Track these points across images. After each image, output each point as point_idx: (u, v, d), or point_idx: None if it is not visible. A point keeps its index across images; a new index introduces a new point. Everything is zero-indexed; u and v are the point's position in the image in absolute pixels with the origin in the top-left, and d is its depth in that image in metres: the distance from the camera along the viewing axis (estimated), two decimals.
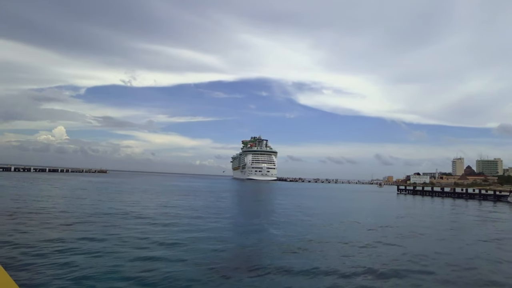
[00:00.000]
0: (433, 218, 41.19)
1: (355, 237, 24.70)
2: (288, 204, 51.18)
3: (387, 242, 22.91)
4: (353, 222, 33.15)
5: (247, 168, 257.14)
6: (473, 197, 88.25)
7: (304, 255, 18.18)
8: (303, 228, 27.74)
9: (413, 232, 28.55)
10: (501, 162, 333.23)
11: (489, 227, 33.66)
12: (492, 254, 20.59)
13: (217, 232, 24.07)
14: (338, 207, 52.58)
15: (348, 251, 19.72)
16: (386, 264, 16.86)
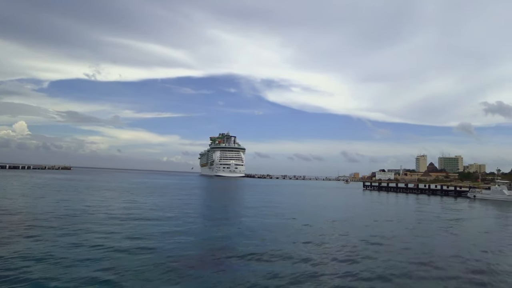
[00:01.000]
0: (398, 212, 42.47)
1: (323, 230, 24.94)
2: (256, 201, 51.16)
3: (357, 236, 23.20)
4: (321, 217, 33.44)
5: (215, 164, 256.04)
6: (435, 193, 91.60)
7: (270, 249, 18.05)
8: (272, 223, 27.64)
9: (377, 223, 29.27)
10: (462, 159, 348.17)
11: (450, 220, 34.74)
12: (452, 243, 21.27)
13: (184, 229, 23.46)
14: (306, 203, 53.15)
15: (316, 243, 19.88)
16: (357, 255, 17.03)
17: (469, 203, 61.83)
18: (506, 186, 72.36)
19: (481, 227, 31.85)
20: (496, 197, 69.14)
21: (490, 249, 20.43)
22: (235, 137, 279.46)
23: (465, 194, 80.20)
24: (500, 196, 68.72)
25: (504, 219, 40.02)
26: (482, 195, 74.06)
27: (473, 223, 34.58)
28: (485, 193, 74.65)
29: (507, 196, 67.39)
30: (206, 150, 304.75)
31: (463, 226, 32.07)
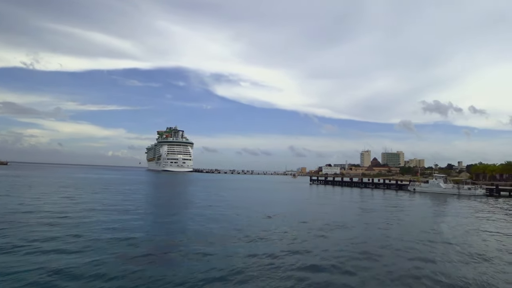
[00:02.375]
0: (343, 205, 44.52)
1: (269, 224, 25.48)
2: (204, 196, 50.81)
3: (310, 228, 23.83)
4: (268, 211, 33.97)
5: (162, 159, 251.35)
6: (378, 186, 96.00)
7: (219, 244, 18.02)
8: (220, 218, 27.61)
9: (323, 215, 30.30)
10: (403, 154, 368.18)
11: (391, 211, 36.60)
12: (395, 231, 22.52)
13: (130, 226, 22.66)
14: (255, 197, 54.04)
15: (263, 235, 20.24)
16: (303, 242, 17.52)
17: (409, 195, 65.44)
18: (442, 180, 77.36)
19: (418, 216, 34.30)
20: (433, 190, 73.63)
21: (422, 235, 22.68)
22: (183, 131, 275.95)
23: (405, 188, 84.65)
24: (437, 189, 73.29)
25: (438, 209, 42.82)
26: (421, 188, 78.58)
27: (411, 213, 36.84)
28: (423, 186, 79.28)
29: (444, 189, 72.08)
30: (153, 145, 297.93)
31: (401, 216, 33.93)
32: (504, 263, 16.07)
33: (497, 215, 36.62)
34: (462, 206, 45.71)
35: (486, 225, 28.96)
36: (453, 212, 39.37)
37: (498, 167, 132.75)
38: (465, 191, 69.28)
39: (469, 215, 36.24)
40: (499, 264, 15.85)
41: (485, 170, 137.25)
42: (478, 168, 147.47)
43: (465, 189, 70.62)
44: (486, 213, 38.52)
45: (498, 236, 23.42)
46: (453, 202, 51.79)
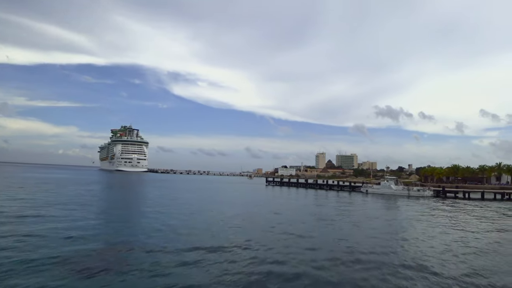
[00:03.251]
0: (298, 205, 45.49)
1: (226, 224, 25.48)
2: (158, 197, 49.81)
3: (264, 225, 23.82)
4: (224, 211, 34.12)
5: (116, 158, 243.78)
6: (333, 188, 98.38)
7: (174, 246, 17.75)
8: (176, 220, 27.08)
9: (278, 215, 30.74)
10: (356, 157, 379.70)
11: (343, 211, 37.50)
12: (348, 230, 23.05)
13: (79, 228, 21.74)
14: (211, 198, 53.56)
15: (222, 235, 20.16)
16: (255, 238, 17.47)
17: (362, 197, 67.43)
18: (393, 182, 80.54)
19: (368, 216, 35.64)
20: (385, 191, 76.35)
21: (372, 232, 24.22)
22: (138, 130, 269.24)
23: (358, 189, 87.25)
24: (388, 190, 76.06)
25: (387, 209, 44.50)
26: (373, 189, 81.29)
27: (363, 213, 38.07)
28: (375, 188, 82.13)
29: (394, 191, 74.92)
30: (107, 143, 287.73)
31: (353, 216, 34.94)
32: (447, 254, 17.73)
33: (442, 213, 38.88)
34: (411, 207, 48.05)
35: (433, 222, 30.92)
36: (403, 212, 41.22)
37: (445, 170, 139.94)
38: (414, 193, 72.39)
39: (417, 214, 38.19)
40: (446, 254, 17.37)
41: (433, 173, 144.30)
42: (427, 170, 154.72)
43: (414, 190, 73.86)
44: (432, 212, 40.79)
45: (443, 231, 25.91)
46: (403, 203, 53.99)
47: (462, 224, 31.11)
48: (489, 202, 62.77)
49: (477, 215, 39.96)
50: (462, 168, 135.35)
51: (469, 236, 24.66)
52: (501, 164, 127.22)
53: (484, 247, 20.79)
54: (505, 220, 36.10)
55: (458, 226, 30.05)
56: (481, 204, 56.06)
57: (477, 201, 63.08)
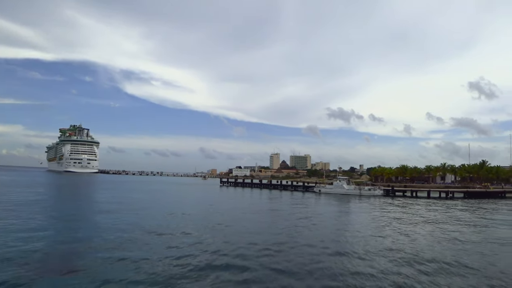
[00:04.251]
0: (252, 205, 45.66)
1: (178, 224, 25.16)
2: (109, 199, 48.11)
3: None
4: (176, 213, 33.68)
5: (65, 159, 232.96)
6: (286, 188, 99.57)
7: (124, 248, 17.21)
8: (127, 223, 26.14)
9: (231, 216, 30.65)
10: (310, 157, 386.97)
11: (297, 210, 37.98)
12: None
13: (24, 232, 20.61)
14: (166, 199, 52.40)
15: (175, 239, 19.72)
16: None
17: (315, 196, 68.72)
18: (345, 182, 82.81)
19: (321, 214, 36.73)
20: (337, 191, 78.23)
21: (323, 229, 24.70)
22: (88, 129, 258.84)
23: (312, 189, 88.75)
24: (340, 190, 78.02)
25: (339, 208, 45.71)
26: (326, 189, 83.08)
27: (315, 212, 38.79)
28: (328, 187, 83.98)
29: (347, 190, 76.99)
30: (55, 143, 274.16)
31: (305, 214, 35.41)
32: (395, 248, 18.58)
33: (391, 211, 40.67)
34: (362, 205, 49.84)
35: (382, 219, 32.29)
36: (355, 210, 42.61)
37: (394, 170, 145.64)
38: (365, 192, 74.77)
39: (368, 212, 39.78)
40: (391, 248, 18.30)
41: (383, 173, 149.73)
42: (377, 171, 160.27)
43: (365, 190, 76.35)
44: (381, 210, 42.51)
45: (390, 227, 27.28)
46: (355, 202, 55.73)
47: (404, 219, 32.83)
48: (435, 200, 66.23)
49: (421, 211, 42.20)
50: (410, 168, 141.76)
51: (407, 229, 26.37)
52: (445, 165, 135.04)
53: (420, 238, 22.30)
54: (444, 214, 38.32)
55: (401, 220, 31.74)
56: (426, 202, 59.13)
57: (424, 199, 66.40)
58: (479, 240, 23.36)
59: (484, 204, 55.89)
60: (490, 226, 31.37)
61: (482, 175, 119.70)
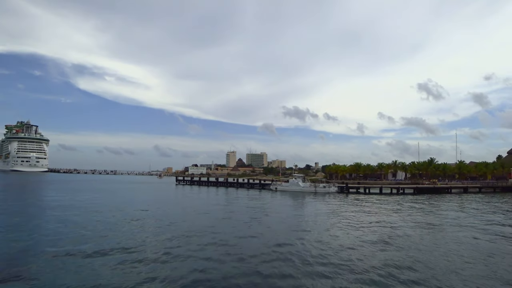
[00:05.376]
0: (208, 204, 45.77)
1: (130, 225, 25.14)
2: (61, 200, 46.48)
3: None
4: (130, 212, 33.79)
5: (11, 157, 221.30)
6: (243, 186, 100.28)
7: (77, 250, 16.83)
8: (79, 225, 25.48)
9: (187, 214, 30.86)
10: (266, 155, 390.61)
11: (252, 208, 38.49)
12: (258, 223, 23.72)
13: None
14: (119, 199, 51.19)
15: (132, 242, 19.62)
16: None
17: (271, 194, 69.61)
18: (301, 179, 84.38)
19: (277, 211, 37.44)
20: (293, 189, 79.55)
21: (279, 226, 25.61)
22: (37, 126, 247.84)
23: (268, 187, 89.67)
24: (296, 187, 79.41)
25: (294, 205, 46.62)
26: (282, 187, 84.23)
27: (270, 210, 39.51)
28: (284, 185, 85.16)
29: (302, 187, 78.45)
30: (0, 141, 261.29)
31: (261, 212, 36.04)
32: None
33: (344, 207, 42.28)
34: (317, 202, 51.11)
35: (335, 215, 33.64)
36: (308, 206, 43.56)
37: (348, 168, 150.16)
38: (320, 189, 76.49)
39: (323, 208, 40.92)
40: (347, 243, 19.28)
41: (337, 170, 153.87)
42: (332, 168, 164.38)
43: (320, 187, 78.08)
44: (336, 206, 43.99)
45: (344, 221, 28.27)
46: (310, 199, 57.00)
47: (354, 215, 34.38)
48: (386, 196, 68.93)
49: (371, 206, 44.12)
50: (363, 165, 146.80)
51: (355, 223, 27.81)
52: (396, 162, 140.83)
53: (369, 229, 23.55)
54: (394, 210, 40.30)
55: (351, 216, 33.17)
56: (378, 198, 61.66)
57: (376, 195, 69.09)
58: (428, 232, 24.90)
59: (432, 200, 58.90)
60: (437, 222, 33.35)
61: (431, 172, 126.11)
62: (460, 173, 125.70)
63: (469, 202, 54.21)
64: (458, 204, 51.45)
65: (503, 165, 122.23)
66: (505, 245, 21.15)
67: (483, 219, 33.63)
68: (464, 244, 21.11)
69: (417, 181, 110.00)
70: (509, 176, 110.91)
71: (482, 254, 18.56)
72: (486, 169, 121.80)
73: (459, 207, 46.62)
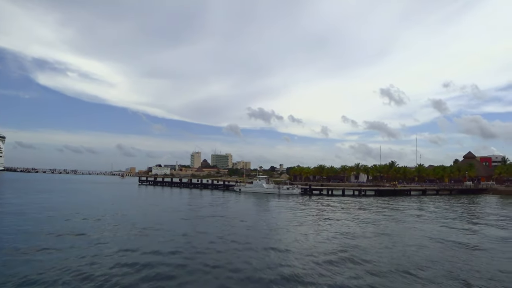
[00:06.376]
0: (172, 205, 45.67)
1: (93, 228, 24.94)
2: (18, 201, 45.13)
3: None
4: (90, 214, 33.31)
5: None
6: (207, 187, 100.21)
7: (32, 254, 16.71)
8: (34, 227, 24.98)
9: (149, 216, 31.13)
10: (231, 156, 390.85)
11: (216, 208, 38.87)
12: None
13: None
14: (78, 200, 49.90)
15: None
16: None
17: (235, 195, 70.02)
18: (265, 181, 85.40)
19: (237, 213, 37.93)
20: (257, 190, 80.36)
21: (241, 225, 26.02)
22: None
23: (232, 188, 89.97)
24: (260, 189, 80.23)
25: (257, 207, 47.49)
26: (246, 188, 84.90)
27: (232, 211, 40.08)
28: (248, 186, 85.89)
29: (266, 189, 79.36)
30: None
31: (223, 213, 36.52)
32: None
33: (307, 209, 43.37)
34: (280, 203, 52.05)
35: (297, 217, 34.54)
36: (271, 208, 44.46)
37: (312, 170, 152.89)
38: (284, 191, 77.58)
39: (285, 210, 41.91)
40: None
41: (302, 172, 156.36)
42: (296, 170, 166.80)
43: (284, 189, 79.20)
44: (297, 208, 45.10)
45: (305, 221, 29.09)
46: (273, 200, 57.87)
47: (315, 215, 35.34)
48: (349, 197, 70.91)
49: (333, 208, 45.45)
50: (327, 168, 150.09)
51: (314, 223, 28.64)
52: (359, 165, 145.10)
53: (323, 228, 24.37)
54: (355, 210, 41.65)
55: (312, 216, 34.16)
56: (339, 199, 63.40)
57: (338, 197, 70.73)
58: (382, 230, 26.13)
59: (392, 201, 61.07)
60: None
61: (391, 174, 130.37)
62: (419, 176, 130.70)
63: (427, 204, 56.32)
64: (417, 204, 53.62)
65: (459, 168, 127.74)
66: (454, 247, 22.49)
67: (440, 221, 35.16)
68: (416, 245, 22.29)
69: (378, 184, 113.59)
70: (464, 179, 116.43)
71: (433, 255, 19.70)
72: (443, 173, 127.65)
73: (418, 208, 48.54)
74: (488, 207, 53.42)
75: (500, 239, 24.77)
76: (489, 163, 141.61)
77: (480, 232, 27.56)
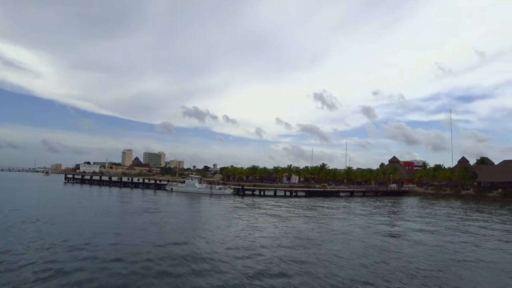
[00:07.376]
0: (99, 205, 45.22)
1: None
2: None
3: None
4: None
5: None
6: (138, 186, 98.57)
7: None
8: None
9: (74, 216, 31.01)
10: (164, 155, 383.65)
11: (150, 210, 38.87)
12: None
13: None
14: None
15: None
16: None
17: (167, 195, 69.78)
18: (197, 180, 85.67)
19: (168, 213, 38.52)
20: (189, 190, 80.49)
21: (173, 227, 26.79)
22: None
23: (164, 187, 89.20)
24: (192, 188, 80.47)
25: (188, 208, 47.80)
26: (178, 188, 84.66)
27: (162, 211, 40.18)
28: (180, 186, 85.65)
29: (198, 189, 79.75)
30: None
31: (150, 213, 36.55)
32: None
33: (237, 209, 44.79)
34: (211, 203, 53.11)
35: (225, 216, 35.84)
36: (204, 208, 45.04)
37: (245, 170, 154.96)
38: (216, 191, 78.42)
39: (216, 210, 43.22)
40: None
41: (235, 172, 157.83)
42: (229, 170, 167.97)
43: (216, 189, 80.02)
44: (228, 208, 46.30)
45: (234, 221, 30.40)
46: (205, 200, 58.63)
47: (243, 214, 36.91)
48: (280, 198, 73.30)
49: (263, 209, 47.23)
50: (260, 168, 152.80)
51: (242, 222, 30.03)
52: (291, 166, 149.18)
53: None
54: (286, 209, 43.65)
55: (241, 216, 35.62)
56: (271, 200, 65.49)
57: (270, 198, 72.88)
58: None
59: (323, 202, 64.09)
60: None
61: (322, 176, 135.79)
62: (348, 178, 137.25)
63: (354, 204, 59.65)
64: (344, 205, 56.72)
65: (384, 172, 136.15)
66: (378, 241, 24.77)
67: (367, 220, 37.71)
68: (343, 240, 24.31)
69: (309, 185, 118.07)
70: (389, 181, 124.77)
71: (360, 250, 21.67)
72: (370, 175, 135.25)
73: (344, 207, 51.63)
74: (410, 207, 58.66)
75: (417, 230, 27.84)
76: (411, 167, 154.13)
77: (396, 225, 30.53)
